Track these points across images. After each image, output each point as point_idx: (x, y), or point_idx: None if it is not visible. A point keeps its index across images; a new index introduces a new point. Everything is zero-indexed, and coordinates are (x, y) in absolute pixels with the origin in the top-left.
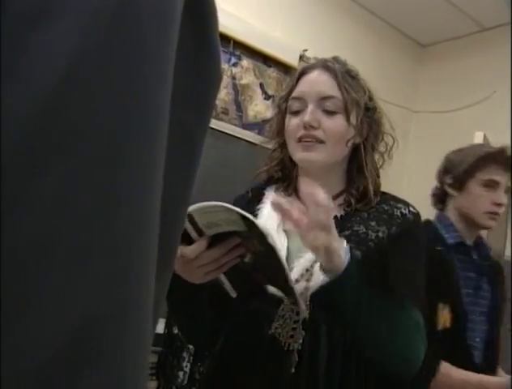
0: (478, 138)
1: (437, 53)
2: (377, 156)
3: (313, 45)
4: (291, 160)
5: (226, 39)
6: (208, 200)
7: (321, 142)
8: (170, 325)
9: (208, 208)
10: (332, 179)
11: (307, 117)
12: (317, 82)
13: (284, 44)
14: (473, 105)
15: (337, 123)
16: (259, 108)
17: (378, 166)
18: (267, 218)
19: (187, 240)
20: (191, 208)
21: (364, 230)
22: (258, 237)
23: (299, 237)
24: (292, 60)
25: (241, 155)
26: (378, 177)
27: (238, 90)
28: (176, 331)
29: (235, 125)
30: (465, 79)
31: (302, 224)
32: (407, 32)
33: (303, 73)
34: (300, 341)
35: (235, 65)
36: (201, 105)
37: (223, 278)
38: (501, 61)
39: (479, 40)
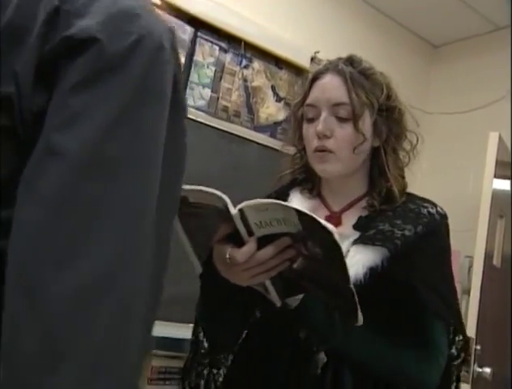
0: (493, 139)
1: (449, 53)
2: (403, 154)
3: (324, 47)
4: None
5: (237, 41)
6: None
7: (331, 152)
8: (197, 331)
9: (261, 206)
10: (353, 183)
11: (319, 126)
12: (329, 88)
13: (296, 46)
14: (487, 106)
15: (347, 131)
16: (271, 110)
17: (403, 165)
18: None
19: (235, 238)
20: (244, 204)
21: (390, 228)
22: (317, 236)
23: None
24: (303, 62)
25: (252, 157)
26: (403, 177)
27: (250, 92)
28: (202, 337)
29: (247, 127)
30: (478, 79)
31: None
32: (419, 32)
33: (316, 78)
34: (322, 364)
35: (246, 67)
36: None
37: (268, 284)
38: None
39: (492, 39)
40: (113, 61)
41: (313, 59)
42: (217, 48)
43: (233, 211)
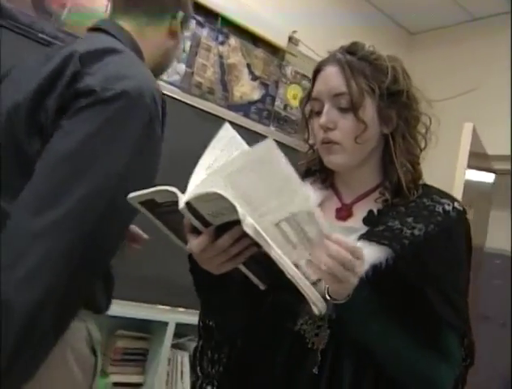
0: (467, 130)
1: (426, 41)
2: (419, 138)
3: (302, 28)
4: None
5: (214, 15)
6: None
7: (336, 143)
8: (204, 317)
9: (204, 197)
10: (365, 173)
11: (322, 119)
12: (329, 79)
13: (274, 24)
14: (462, 95)
15: (350, 121)
16: (245, 89)
17: (418, 151)
18: None
19: (198, 231)
20: (189, 196)
21: (399, 226)
22: None
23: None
24: (280, 41)
25: None
26: (417, 164)
27: (225, 69)
28: (211, 323)
29: (220, 105)
30: (454, 68)
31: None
32: (397, 18)
33: (318, 70)
34: (326, 340)
35: (222, 43)
36: None
37: (244, 269)
38: (490, 52)
39: (468, 29)
40: (102, 101)
41: (290, 39)
42: (193, 21)
43: (181, 205)
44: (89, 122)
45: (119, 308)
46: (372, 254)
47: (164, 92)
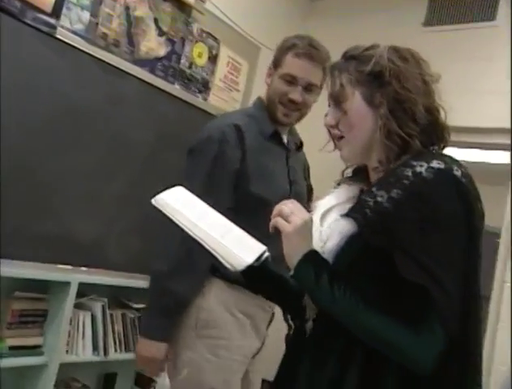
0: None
1: (325, 8)
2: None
3: None
4: None
5: None
6: (94, 137)
7: (341, 137)
8: None
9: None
10: (376, 157)
11: (325, 119)
12: (328, 85)
13: None
14: None
15: (345, 115)
16: (152, 44)
17: (409, 126)
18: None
19: None
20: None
21: (364, 197)
22: None
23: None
24: None
25: (131, 92)
26: (410, 136)
27: (131, 22)
28: None
29: (126, 59)
30: (351, 38)
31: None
32: None
33: None
34: (316, 312)
35: None
36: None
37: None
38: (383, 24)
39: (364, 1)
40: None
41: None
42: None
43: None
44: None
45: (15, 269)
46: (341, 226)
47: (67, 41)
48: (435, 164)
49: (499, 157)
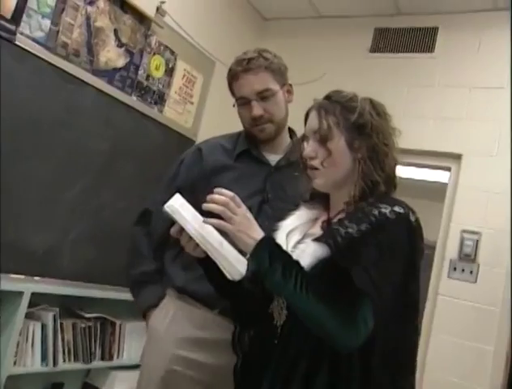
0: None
1: (278, 28)
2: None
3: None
4: None
5: None
6: (50, 145)
7: (316, 168)
8: None
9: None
10: (345, 192)
11: (305, 150)
12: (310, 120)
13: None
14: (304, 84)
15: (323, 151)
16: (111, 55)
17: (380, 172)
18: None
19: None
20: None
21: (337, 227)
22: None
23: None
24: (148, 10)
25: (89, 102)
26: (378, 183)
27: (92, 32)
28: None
29: (85, 69)
30: (302, 58)
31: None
32: (253, 1)
33: (307, 115)
34: (284, 318)
35: (91, 4)
36: None
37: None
38: (333, 48)
39: (316, 25)
40: None
41: (158, 9)
42: None
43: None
44: None
45: None
46: (315, 249)
47: (26, 48)
48: (397, 208)
49: (436, 176)
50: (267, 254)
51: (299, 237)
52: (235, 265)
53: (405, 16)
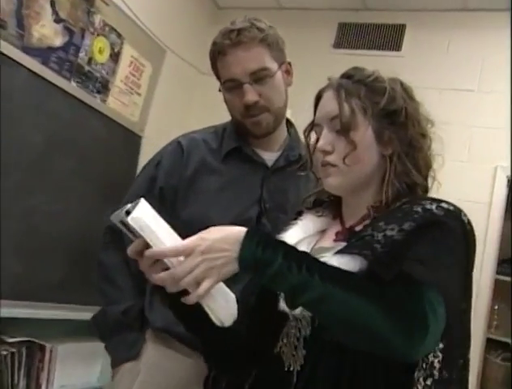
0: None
1: (233, 17)
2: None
3: None
4: None
5: None
6: None
7: (333, 165)
8: None
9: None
10: (367, 196)
11: (319, 142)
12: (326, 104)
13: None
14: None
15: (343, 143)
16: (47, 31)
17: (418, 171)
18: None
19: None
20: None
21: (370, 232)
22: None
23: None
24: None
25: (18, 84)
26: (417, 185)
27: (22, 1)
28: None
29: (14, 45)
30: None
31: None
32: None
33: (318, 97)
34: (301, 361)
35: None
36: None
37: (205, 306)
38: (294, 42)
39: (276, 16)
40: None
41: None
42: None
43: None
44: None
45: None
46: (345, 265)
47: None
48: (444, 204)
49: None
50: (276, 250)
51: (306, 249)
52: (225, 305)
53: (371, 12)
